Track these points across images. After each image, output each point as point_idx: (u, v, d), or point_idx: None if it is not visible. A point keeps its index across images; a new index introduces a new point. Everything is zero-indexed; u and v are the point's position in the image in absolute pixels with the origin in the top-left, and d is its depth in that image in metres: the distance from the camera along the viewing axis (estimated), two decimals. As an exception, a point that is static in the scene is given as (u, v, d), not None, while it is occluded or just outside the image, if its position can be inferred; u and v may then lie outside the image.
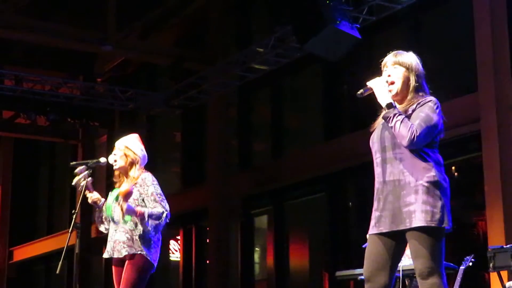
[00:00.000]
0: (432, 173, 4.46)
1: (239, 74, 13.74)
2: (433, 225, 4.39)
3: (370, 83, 4.64)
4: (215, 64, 14.10)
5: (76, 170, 6.18)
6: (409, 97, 4.63)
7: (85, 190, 6.16)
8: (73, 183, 6.18)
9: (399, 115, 4.48)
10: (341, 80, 13.65)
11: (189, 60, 14.81)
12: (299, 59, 12.78)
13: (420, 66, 4.67)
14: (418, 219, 4.39)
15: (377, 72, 4.74)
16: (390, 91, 4.61)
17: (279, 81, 15.16)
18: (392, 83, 4.63)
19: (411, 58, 4.68)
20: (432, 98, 4.58)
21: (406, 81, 4.63)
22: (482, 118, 10.46)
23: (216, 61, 14.26)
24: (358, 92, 4.68)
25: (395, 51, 4.73)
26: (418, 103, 4.55)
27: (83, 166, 6.18)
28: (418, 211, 4.40)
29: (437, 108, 4.53)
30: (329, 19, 9.90)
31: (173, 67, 14.59)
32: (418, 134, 4.41)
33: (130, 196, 6.01)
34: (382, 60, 4.75)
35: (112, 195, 6.30)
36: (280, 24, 12.20)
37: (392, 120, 4.48)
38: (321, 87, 14.28)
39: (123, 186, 6.09)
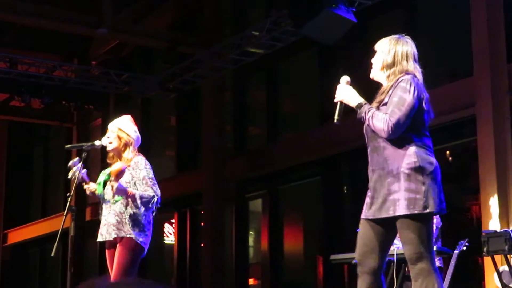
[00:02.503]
0: (412, 159, 4.48)
1: (234, 58, 13.70)
2: (416, 212, 4.42)
3: (336, 98, 4.72)
4: (210, 48, 14.06)
5: (70, 164, 6.18)
6: (385, 74, 4.69)
7: (81, 182, 6.17)
8: (68, 177, 6.18)
9: (369, 111, 4.55)
10: (337, 63, 13.63)
11: (184, 43, 14.77)
12: (294, 43, 12.75)
13: (393, 46, 4.70)
14: (402, 208, 4.45)
15: (372, 55, 4.77)
16: (370, 71, 4.76)
17: (274, 64, 15.14)
18: (371, 66, 4.80)
19: (384, 41, 4.76)
20: (405, 77, 4.58)
21: (382, 62, 4.72)
22: (478, 103, 10.46)
23: (211, 45, 14.22)
24: (335, 121, 4.69)
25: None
26: (392, 86, 4.58)
27: (76, 159, 6.19)
28: (402, 199, 4.45)
29: (410, 87, 4.52)
30: (325, 2, 9.88)
31: (168, 50, 14.55)
32: (393, 122, 4.46)
33: (122, 175, 5.99)
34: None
35: (104, 173, 6.28)
36: (276, 7, 12.16)
37: (366, 119, 4.57)
38: (317, 70, 14.26)
39: (115, 165, 6.07)
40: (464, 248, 7.91)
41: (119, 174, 5.97)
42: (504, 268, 8.22)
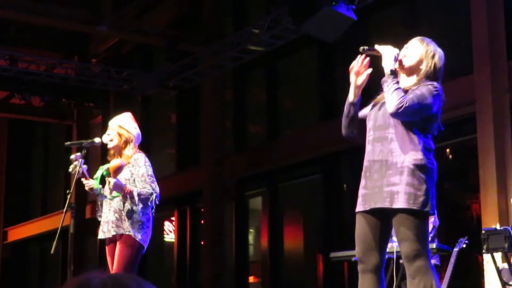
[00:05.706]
0: (419, 156, 4.48)
1: (234, 55, 13.70)
2: (415, 207, 4.41)
3: (379, 47, 4.66)
4: (210, 45, 14.05)
5: (72, 157, 6.15)
6: (416, 78, 4.64)
7: (81, 177, 6.13)
8: (69, 170, 6.15)
9: (397, 83, 4.51)
10: (337, 61, 13.62)
11: (184, 41, 14.76)
12: (294, 40, 12.73)
13: (440, 59, 4.70)
14: (401, 201, 4.42)
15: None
16: (401, 60, 4.64)
17: (274, 62, 15.13)
18: (405, 56, 4.67)
19: (434, 48, 4.75)
20: (435, 83, 4.61)
21: (419, 61, 4.65)
22: (478, 101, 10.46)
23: (211, 42, 14.21)
24: (361, 48, 4.70)
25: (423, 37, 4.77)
26: (420, 85, 4.57)
27: (79, 154, 6.16)
28: (402, 193, 4.43)
29: (436, 92, 4.54)
30: (325, 0, 9.87)
31: (168, 48, 14.54)
32: (407, 105, 4.42)
33: (120, 171, 5.98)
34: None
35: (102, 168, 6.24)
36: (276, 5, 12.15)
37: (388, 84, 4.51)
38: (317, 68, 14.25)
39: (114, 161, 6.06)
40: (464, 245, 7.90)
41: (117, 170, 5.97)
42: (503, 266, 8.22)
